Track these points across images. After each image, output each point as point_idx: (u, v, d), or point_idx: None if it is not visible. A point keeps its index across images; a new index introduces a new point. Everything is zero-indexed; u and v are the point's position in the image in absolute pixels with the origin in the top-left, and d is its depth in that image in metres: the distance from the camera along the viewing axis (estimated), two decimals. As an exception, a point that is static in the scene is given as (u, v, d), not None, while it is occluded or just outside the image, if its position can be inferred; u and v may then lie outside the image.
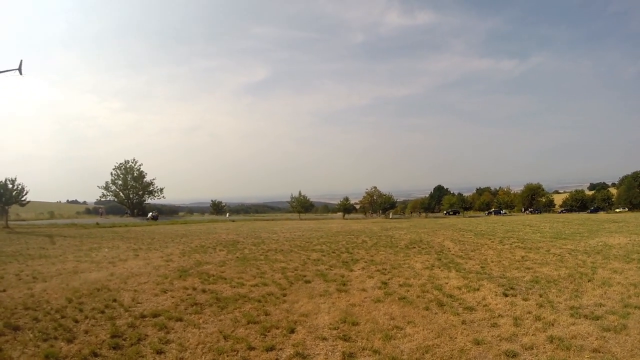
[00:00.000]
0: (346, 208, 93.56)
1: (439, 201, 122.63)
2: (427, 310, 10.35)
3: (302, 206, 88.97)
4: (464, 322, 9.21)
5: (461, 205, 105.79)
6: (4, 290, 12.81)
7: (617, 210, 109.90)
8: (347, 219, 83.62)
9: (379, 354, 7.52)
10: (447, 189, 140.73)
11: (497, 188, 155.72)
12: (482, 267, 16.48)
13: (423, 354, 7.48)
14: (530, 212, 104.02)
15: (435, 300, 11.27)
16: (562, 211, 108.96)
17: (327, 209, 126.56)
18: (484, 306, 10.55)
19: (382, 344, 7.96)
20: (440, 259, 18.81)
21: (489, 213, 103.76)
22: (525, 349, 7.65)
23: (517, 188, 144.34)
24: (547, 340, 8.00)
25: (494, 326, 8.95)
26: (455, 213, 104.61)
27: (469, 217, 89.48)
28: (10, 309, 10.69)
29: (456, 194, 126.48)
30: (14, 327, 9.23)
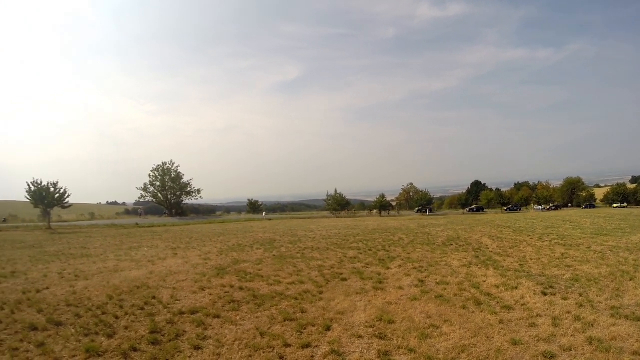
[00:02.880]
0: (382, 205, 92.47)
1: (476, 197, 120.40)
2: (464, 309, 10.26)
3: (338, 204, 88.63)
4: (501, 322, 9.11)
5: (499, 200, 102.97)
6: (48, 288, 13.36)
7: (615, 205, 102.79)
8: (383, 216, 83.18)
9: (414, 353, 7.50)
10: (484, 184, 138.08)
11: (536, 182, 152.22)
12: (520, 264, 16.25)
13: (459, 354, 7.43)
14: (508, 209, 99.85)
15: (473, 298, 11.16)
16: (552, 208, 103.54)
17: (363, 206, 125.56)
18: (522, 305, 10.39)
19: (417, 343, 7.94)
20: (478, 257, 18.62)
21: (470, 210, 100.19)
22: (564, 350, 7.51)
23: (556, 182, 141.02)
24: (586, 342, 7.84)
25: (532, 326, 8.81)
26: (428, 211, 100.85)
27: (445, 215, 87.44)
28: (54, 305, 11.17)
29: (494, 189, 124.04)
30: (57, 322, 9.64)
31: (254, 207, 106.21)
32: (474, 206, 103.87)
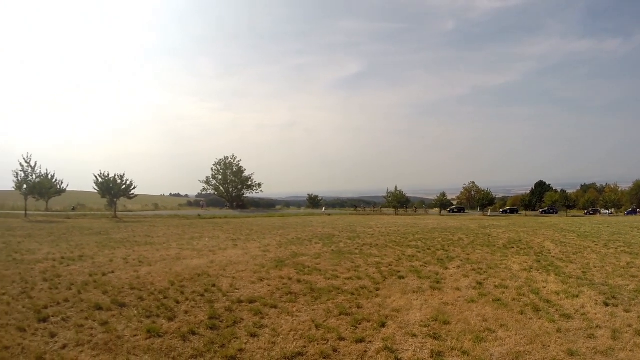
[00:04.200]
0: (443, 204, 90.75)
1: (540, 198, 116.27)
2: (521, 314, 10.13)
3: (398, 201, 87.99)
4: (559, 330, 8.92)
5: (564, 203, 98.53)
6: (113, 272, 14.29)
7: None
8: (443, 215, 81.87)
9: (467, 356, 7.52)
10: (549, 184, 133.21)
11: (604, 184, 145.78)
12: (583, 272, 15.70)
13: (513, 360, 7.39)
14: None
15: (531, 304, 10.95)
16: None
17: (423, 204, 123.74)
18: (582, 315, 10.11)
19: (471, 346, 7.95)
20: (539, 261, 18.17)
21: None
22: (621, 365, 7.29)
23: (626, 185, 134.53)
24: (645, 358, 7.55)
25: (590, 337, 8.55)
26: (463, 210, 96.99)
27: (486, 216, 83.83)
28: (118, 288, 11.95)
29: (559, 191, 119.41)
30: (121, 304, 10.33)
31: (313, 201, 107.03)
32: (507, 208, 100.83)
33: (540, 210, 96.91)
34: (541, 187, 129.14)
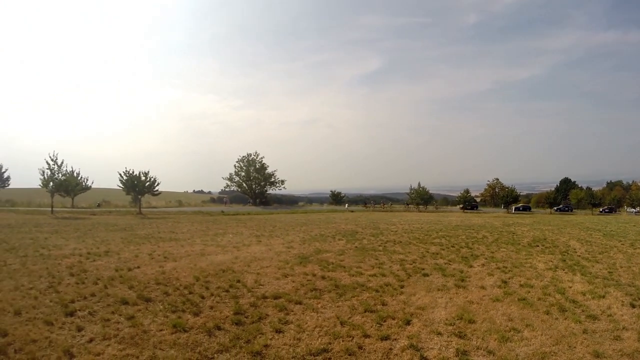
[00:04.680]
0: (466, 201, 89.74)
1: (565, 195, 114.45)
2: (547, 314, 10.05)
3: (421, 198, 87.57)
4: (585, 331, 8.83)
5: (589, 200, 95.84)
6: (138, 267, 14.59)
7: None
8: (466, 212, 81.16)
9: (493, 355, 7.49)
10: (574, 182, 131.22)
11: (630, 182, 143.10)
12: (609, 272, 15.50)
13: (539, 360, 7.35)
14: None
15: (557, 304, 10.85)
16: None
17: (446, 201, 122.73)
18: (608, 316, 9.98)
19: (497, 345, 7.93)
20: (564, 260, 17.99)
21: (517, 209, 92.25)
22: (647, 368, 7.19)
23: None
24: (673, 361, 7.44)
25: (616, 339, 8.43)
26: (476, 207, 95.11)
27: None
28: (144, 283, 12.19)
29: (584, 188, 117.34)
30: (146, 299, 10.52)
31: (336, 198, 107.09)
32: (520, 205, 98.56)
33: (555, 208, 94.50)
34: (566, 184, 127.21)
